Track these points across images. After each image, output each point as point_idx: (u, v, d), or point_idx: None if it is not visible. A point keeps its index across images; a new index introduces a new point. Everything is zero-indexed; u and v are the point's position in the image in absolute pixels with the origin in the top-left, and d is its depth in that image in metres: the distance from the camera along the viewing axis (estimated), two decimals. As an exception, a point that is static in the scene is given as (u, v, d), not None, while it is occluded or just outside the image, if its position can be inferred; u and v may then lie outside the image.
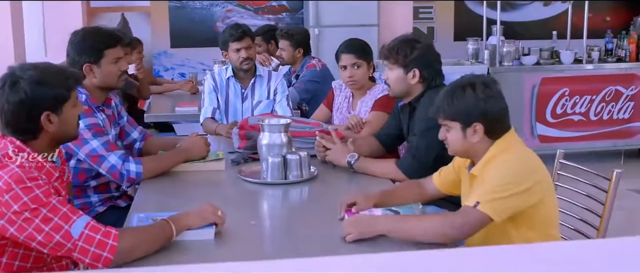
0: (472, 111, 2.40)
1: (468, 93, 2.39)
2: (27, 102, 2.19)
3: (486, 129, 2.41)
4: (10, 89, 2.19)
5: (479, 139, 2.42)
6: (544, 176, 2.41)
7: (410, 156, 3.17)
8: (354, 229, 2.32)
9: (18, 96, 2.19)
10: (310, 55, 5.46)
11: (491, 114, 2.39)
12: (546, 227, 2.44)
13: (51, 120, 2.24)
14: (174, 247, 2.24)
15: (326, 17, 7.35)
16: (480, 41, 7.06)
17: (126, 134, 3.42)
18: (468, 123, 2.42)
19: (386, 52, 3.27)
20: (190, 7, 8.04)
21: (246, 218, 2.60)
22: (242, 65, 4.18)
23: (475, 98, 2.39)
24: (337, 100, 4.12)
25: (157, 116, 5.33)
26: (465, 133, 2.43)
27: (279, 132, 3.12)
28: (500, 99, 2.42)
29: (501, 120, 2.43)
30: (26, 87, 2.19)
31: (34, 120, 2.22)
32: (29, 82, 2.19)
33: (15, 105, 2.19)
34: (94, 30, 3.13)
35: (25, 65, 2.29)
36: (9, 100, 2.20)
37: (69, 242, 2.07)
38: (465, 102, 2.40)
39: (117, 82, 3.13)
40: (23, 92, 2.18)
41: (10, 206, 2.06)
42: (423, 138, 3.09)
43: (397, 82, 3.25)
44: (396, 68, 3.23)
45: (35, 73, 2.22)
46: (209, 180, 3.15)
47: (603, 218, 2.67)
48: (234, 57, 4.18)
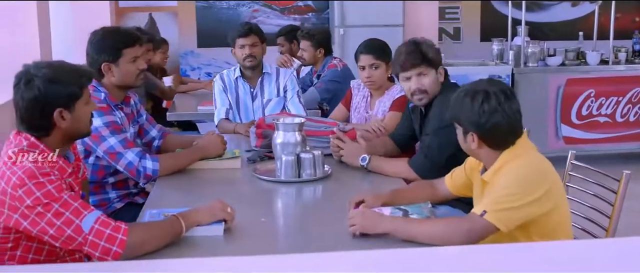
0: (467, 121, 2.41)
1: (467, 101, 2.39)
2: (40, 98, 2.26)
3: (481, 140, 2.40)
4: (25, 86, 2.26)
5: (476, 147, 2.42)
6: (554, 184, 2.38)
7: (422, 155, 3.17)
8: (358, 221, 2.35)
9: (32, 93, 2.25)
10: (332, 55, 5.49)
11: (486, 127, 2.37)
12: (556, 234, 2.40)
13: (64, 116, 2.30)
14: (183, 243, 2.28)
15: (351, 17, 7.36)
16: (505, 42, 7.03)
17: (145, 132, 3.48)
18: (466, 130, 2.44)
19: (416, 60, 3.16)
20: (217, 7, 8.12)
21: (258, 215, 2.63)
22: (245, 61, 4.23)
23: (471, 108, 2.37)
24: (355, 99, 4.14)
25: (178, 115, 5.39)
26: (466, 138, 2.45)
27: (293, 131, 3.15)
28: (499, 114, 2.35)
29: (498, 133, 2.38)
30: (40, 84, 2.25)
31: (47, 117, 2.28)
32: (43, 80, 2.26)
33: (29, 102, 2.26)
34: (113, 29, 3.20)
35: (39, 63, 2.36)
36: (23, 97, 2.27)
37: (79, 236, 2.13)
38: (463, 109, 2.41)
39: (135, 81, 3.19)
40: (37, 89, 2.25)
41: (23, 200, 2.12)
42: (436, 137, 3.10)
43: (435, 83, 3.20)
44: (432, 71, 3.19)
45: (48, 71, 2.29)
46: (225, 178, 3.19)
47: (612, 219, 2.66)
48: (239, 53, 4.24)
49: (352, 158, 3.25)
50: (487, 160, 2.46)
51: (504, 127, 2.38)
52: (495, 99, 2.36)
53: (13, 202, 2.14)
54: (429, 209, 2.59)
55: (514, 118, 2.40)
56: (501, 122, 2.36)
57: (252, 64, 4.25)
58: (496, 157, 2.42)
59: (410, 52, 3.17)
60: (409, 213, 2.52)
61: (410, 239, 2.30)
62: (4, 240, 2.22)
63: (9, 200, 2.14)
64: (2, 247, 2.22)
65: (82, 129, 2.42)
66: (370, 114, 3.99)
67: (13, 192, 2.14)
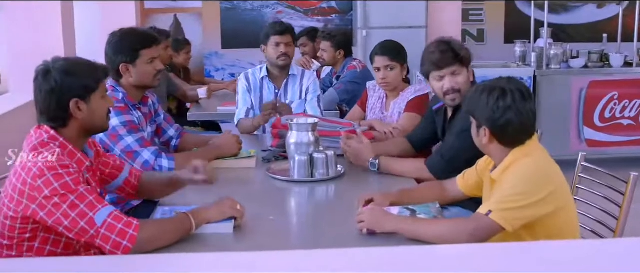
0: (481, 115, 2.44)
1: (484, 96, 2.42)
2: (56, 89, 2.35)
3: (492, 136, 2.43)
4: (43, 78, 2.37)
5: (487, 142, 2.46)
6: (559, 185, 2.40)
7: (439, 155, 3.19)
8: (366, 218, 2.39)
9: (49, 85, 2.35)
10: (352, 56, 5.53)
11: (499, 123, 2.40)
12: (563, 235, 2.42)
13: (80, 107, 2.39)
14: (193, 239, 2.34)
15: (375, 18, 7.38)
16: (528, 44, 7.01)
17: (163, 131, 3.55)
18: (479, 124, 2.47)
19: (453, 58, 3.14)
20: (241, 9, 8.19)
21: (269, 214, 2.68)
22: (278, 59, 4.20)
23: (487, 103, 2.41)
24: (371, 100, 4.18)
25: (199, 115, 5.46)
26: (479, 132, 2.48)
27: (306, 131, 3.19)
28: (513, 111, 2.39)
29: (509, 131, 2.41)
30: (56, 76, 2.35)
31: (64, 107, 2.37)
32: (59, 72, 2.36)
33: (47, 93, 2.36)
34: (130, 31, 3.26)
35: (57, 58, 2.46)
36: (41, 89, 2.37)
37: (92, 229, 2.20)
38: (479, 104, 2.44)
39: (152, 81, 3.26)
40: (53, 81, 2.35)
41: (42, 191, 2.21)
42: (458, 140, 3.11)
43: (467, 84, 3.16)
44: (464, 70, 3.16)
45: (65, 63, 2.40)
46: (239, 177, 3.25)
47: (619, 221, 2.67)
48: (272, 52, 4.21)
49: (359, 161, 3.28)
50: (496, 156, 2.49)
51: (515, 125, 2.40)
52: (510, 97, 2.39)
53: (32, 192, 2.22)
54: (437, 209, 2.61)
55: (527, 117, 2.42)
56: (513, 120, 2.39)
57: (285, 62, 4.24)
58: (505, 155, 2.45)
59: (445, 51, 3.14)
60: (416, 213, 2.55)
61: (417, 238, 2.33)
62: (23, 230, 2.30)
63: (28, 191, 2.23)
64: (20, 237, 2.31)
65: (98, 122, 2.48)
66: (385, 115, 4.02)
67: (33, 182, 2.22)
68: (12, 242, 2.32)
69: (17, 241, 2.31)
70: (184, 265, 1.90)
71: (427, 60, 3.20)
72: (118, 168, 2.73)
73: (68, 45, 4.67)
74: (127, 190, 2.77)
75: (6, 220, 2.30)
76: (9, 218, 2.29)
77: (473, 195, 2.80)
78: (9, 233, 2.31)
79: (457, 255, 1.97)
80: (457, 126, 3.14)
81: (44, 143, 2.32)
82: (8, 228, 2.30)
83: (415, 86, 4.04)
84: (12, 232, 2.30)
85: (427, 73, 3.22)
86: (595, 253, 1.90)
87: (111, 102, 2.56)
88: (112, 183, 2.73)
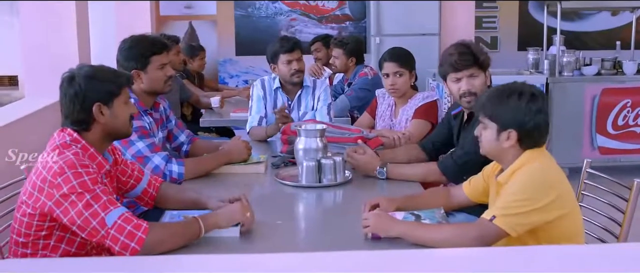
0: (511, 118, 2.45)
1: (513, 99, 2.44)
2: (80, 93, 2.44)
3: (519, 138, 2.45)
4: (68, 84, 2.47)
5: (510, 146, 2.47)
6: (564, 192, 2.41)
7: (452, 159, 3.19)
8: (371, 223, 2.42)
9: (73, 89, 2.45)
10: (363, 64, 5.57)
11: (528, 126, 2.43)
12: (567, 241, 2.42)
13: (103, 111, 2.47)
14: (199, 242, 2.38)
15: (388, 25, 7.41)
16: (540, 51, 7.02)
17: (174, 136, 3.60)
18: (504, 127, 2.47)
19: (471, 62, 3.15)
20: (255, 16, 8.26)
21: (276, 218, 2.72)
22: (293, 77, 4.18)
23: (517, 106, 2.43)
24: (380, 108, 4.21)
25: (211, 121, 5.52)
26: (499, 136, 2.48)
27: (314, 137, 3.23)
28: (541, 115, 2.44)
29: (535, 134, 2.45)
30: (80, 81, 2.45)
31: (87, 111, 2.45)
32: (83, 77, 2.46)
33: (71, 97, 2.45)
34: (141, 38, 3.32)
35: (82, 65, 2.57)
36: (66, 94, 2.46)
37: (103, 229, 2.27)
38: (507, 107, 2.45)
39: (163, 87, 3.32)
40: (78, 85, 2.45)
41: (60, 188, 2.28)
42: (472, 145, 3.12)
43: (483, 87, 3.16)
44: (482, 74, 3.18)
45: (89, 69, 2.51)
46: (248, 182, 3.29)
47: (623, 227, 2.69)
48: (285, 70, 4.17)
49: (366, 171, 3.29)
50: (508, 160, 2.50)
51: (542, 129, 2.46)
52: (540, 101, 2.45)
53: (51, 189, 2.29)
54: (441, 215, 2.64)
55: (548, 123, 2.49)
56: (542, 124, 2.45)
57: (300, 79, 4.22)
58: (516, 158, 2.47)
59: (463, 53, 3.16)
60: (421, 218, 2.58)
61: (421, 243, 2.36)
62: (39, 227, 2.37)
63: (47, 188, 2.30)
64: (36, 235, 2.38)
65: (121, 127, 2.56)
66: (394, 122, 4.05)
67: (52, 179, 2.29)
68: (27, 239, 2.39)
69: (33, 239, 2.39)
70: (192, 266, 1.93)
71: (446, 62, 3.22)
72: (137, 179, 2.79)
73: (83, 52, 4.73)
74: (145, 199, 2.83)
75: (24, 217, 2.37)
76: (27, 215, 2.36)
77: (479, 201, 2.82)
78: (25, 230, 2.38)
79: (461, 258, 1.99)
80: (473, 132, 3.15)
81: (66, 145, 2.40)
82: (25, 226, 2.37)
83: (423, 93, 4.06)
84: (28, 229, 2.38)
85: (445, 75, 3.24)
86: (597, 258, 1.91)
87: (134, 108, 2.64)
88: (130, 192, 2.79)
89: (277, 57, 4.19)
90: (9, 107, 4.77)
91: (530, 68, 7.01)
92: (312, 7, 8.30)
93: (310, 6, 8.29)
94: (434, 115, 3.90)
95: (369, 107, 4.34)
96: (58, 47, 4.64)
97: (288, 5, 8.27)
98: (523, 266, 1.84)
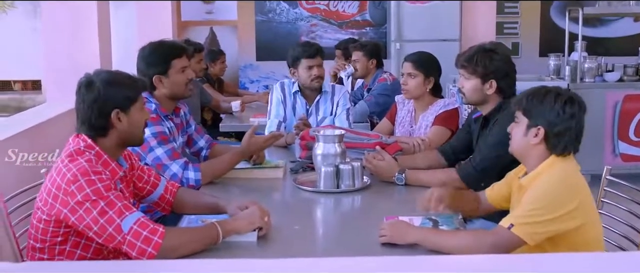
0: (542, 115, 2.45)
1: (549, 97, 2.45)
2: (99, 99, 2.44)
3: (547, 138, 2.45)
4: (86, 89, 2.46)
5: (537, 143, 2.47)
6: (584, 202, 2.39)
7: (472, 165, 3.20)
8: (389, 232, 2.42)
9: (92, 95, 2.44)
10: (383, 68, 5.57)
11: (557, 128, 2.43)
12: (586, 250, 2.41)
13: (120, 118, 2.48)
14: (216, 246, 2.39)
15: (408, 31, 7.40)
16: (562, 57, 6.97)
17: (193, 141, 3.62)
18: (534, 123, 2.47)
19: (464, 62, 3.28)
20: (276, 22, 8.29)
21: (294, 223, 2.72)
22: (313, 83, 4.19)
23: (551, 105, 2.43)
24: (400, 113, 4.20)
25: (232, 126, 5.54)
26: (528, 132, 2.49)
27: (333, 143, 3.23)
28: (573, 120, 2.43)
29: (564, 138, 2.44)
30: (100, 87, 2.44)
31: (105, 117, 2.46)
32: (102, 83, 2.45)
33: (90, 103, 2.45)
34: (159, 43, 3.34)
35: (98, 70, 2.56)
36: (84, 99, 2.45)
37: (119, 235, 2.27)
38: (541, 104, 2.46)
39: (185, 91, 3.33)
40: (97, 91, 2.44)
41: (75, 196, 2.29)
42: (493, 151, 3.13)
43: (473, 91, 3.28)
44: (474, 78, 3.26)
45: (107, 75, 2.50)
46: (267, 187, 3.30)
47: (643, 235, 2.66)
48: (305, 75, 4.18)
49: (384, 177, 3.29)
50: (533, 161, 2.50)
51: (571, 135, 2.44)
52: (577, 106, 2.44)
53: (65, 197, 2.30)
54: (459, 221, 2.63)
55: (581, 131, 2.47)
56: (572, 129, 2.43)
57: (319, 84, 4.23)
58: (541, 161, 2.46)
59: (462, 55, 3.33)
60: (439, 224, 2.58)
61: (438, 249, 2.36)
62: (55, 233, 2.39)
63: (62, 195, 2.31)
64: (52, 240, 2.40)
65: (136, 134, 2.57)
66: (413, 128, 4.04)
67: (66, 187, 2.30)
68: (44, 244, 2.41)
69: (49, 244, 2.40)
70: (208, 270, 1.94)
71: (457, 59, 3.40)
72: (153, 185, 2.79)
73: (104, 58, 4.78)
74: (162, 205, 2.83)
75: (39, 223, 2.39)
76: (43, 222, 2.38)
77: (501, 207, 2.80)
78: (41, 236, 2.40)
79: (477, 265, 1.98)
80: (494, 138, 3.16)
81: (80, 151, 2.40)
82: (41, 232, 2.39)
83: (444, 100, 4.05)
84: (44, 235, 2.39)
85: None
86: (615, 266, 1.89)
87: (148, 114, 2.65)
88: (147, 198, 2.80)
89: (298, 62, 4.19)
90: (30, 111, 4.83)
91: (551, 74, 6.97)
92: (332, 13, 8.31)
93: (331, 12, 8.30)
94: (455, 123, 3.88)
95: (388, 113, 4.33)
96: (80, 53, 4.69)
97: (308, 11, 8.29)
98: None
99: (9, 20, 12.06)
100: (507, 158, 3.02)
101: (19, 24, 12.07)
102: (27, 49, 11.59)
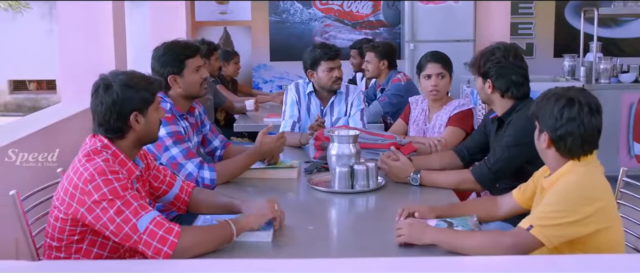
0: (544, 120, 2.44)
1: (550, 102, 2.42)
2: (118, 102, 2.45)
3: (551, 143, 2.43)
4: (104, 91, 2.46)
5: (545, 148, 2.45)
6: (605, 206, 2.35)
7: (486, 166, 3.19)
8: (405, 231, 2.41)
9: (111, 98, 2.45)
10: (396, 69, 5.56)
11: (559, 132, 2.40)
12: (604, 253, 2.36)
13: (138, 120, 2.49)
14: (231, 247, 2.39)
15: (422, 32, 7.38)
16: (577, 58, 6.94)
17: (208, 141, 3.63)
18: (540, 129, 2.48)
19: (470, 63, 3.40)
20: (290, 22, 8.31)
21: (308, 224, 2.73)
22: (333, 85, 4.18)
23: (551, 110, 2.41)
24: (414, 113, 4.19)
25: (245, 126, 5.54)
26: (540, 137, 2.49)
27: (347, 143, 3.23)
28: (574, 123, 2.37)
29: (568, 142, 2.40)
30: (118, 89, 2.45)
31: (124, 119, 2.47)
32: (120, 85, 2.46)
33: (108, 106, 2.45)
34: (173, 43, 3.35)
35: (114, 72, 2.56)
36: (102, 102, 2.46)
37: (135, 235, 2.28)
38: (543, 109, 2.44)
39: (199, 90, 3.34)
40: (115, 94, 2.45)
41: (91, 195, 2.31)
42: (506, 152, 3.13)
43: (479, 90, 3.37)
44: (478, 78, 3.33)
45: (124, 77, 2.50)
46: (281, 188, 3.30)
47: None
48: (325, 77, 4.16)
49: (398, 178, 3.29)
50: (552, 163, 2.48)
51: (576, 138, 2.38)
52: (577, 109, 2.37)
53: (82, 196, 2.32)
54: (474, 222, 2.62)
55: (590, 133, 2.39)
56: (575, 132, 2.38)
57: (339, 86, 4.22)
58: (560, 164, 2.44)
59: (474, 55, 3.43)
60: (454, 226, 2.56)
61: (455, 250, 2.35)
62: (72, 232, 2.41)
63: (79, 194, 2.33)
64: (69, 239, 2.42)
65: (152, 133, 2.59)
66: (427, 127, 4.04)
67: (83, 186, 2.32)
68: (61, 243, 2.42)
69: (66, 243, 2.42)
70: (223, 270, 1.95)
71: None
72: (169, 185, 2.80)
73: (119, 58, 4.79)
74: (177, 205, 2.84)
75: (56, 222, 2.41)
76: (59, 220, 2.39)
77: (529, 207, 2.75)
78: (58, 234, 2.41)
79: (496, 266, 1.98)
80: (509, 140, 3.16)
81: (96, 151, 2.42)
82: (58, 230, 2.41)
83: (459, 100, 4.04)
84: (61, 234, 2.41)
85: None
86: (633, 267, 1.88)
87: (162, 113, 2.65)
88: (162, 198, 2.81)
89: (318, 64, 4.18)
90: (45, 110, 4.85)
91: (566, 75, 6.94)
92: (346, 13, 8.31)
93: (345, 12, 8.31)
94: (469, 124, 3.87)
95: (402, 114, 4.32)
96: (95, 53, 4.71)
97: (322, 11, 8.30)
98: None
99: (24, 21, 12.13)
100: (521, 160, 3.05)
101: (34, 25, 12.15)
102: (42, 50, 11.67)
